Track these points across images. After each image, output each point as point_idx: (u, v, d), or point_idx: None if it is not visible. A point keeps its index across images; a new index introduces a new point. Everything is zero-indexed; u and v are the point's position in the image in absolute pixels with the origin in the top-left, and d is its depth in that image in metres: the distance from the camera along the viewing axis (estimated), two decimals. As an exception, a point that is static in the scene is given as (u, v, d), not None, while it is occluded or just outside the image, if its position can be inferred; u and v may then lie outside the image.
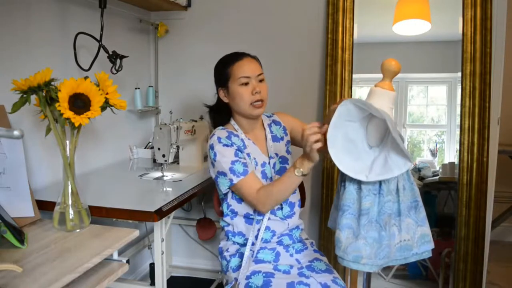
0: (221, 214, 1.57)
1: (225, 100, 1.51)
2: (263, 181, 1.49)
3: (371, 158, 1.19)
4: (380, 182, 1.19)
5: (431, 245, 1.24)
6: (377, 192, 1.19)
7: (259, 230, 1.48)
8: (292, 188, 1.35)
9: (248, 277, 1.38)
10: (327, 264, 1.46)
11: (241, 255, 1.47)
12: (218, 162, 1.43)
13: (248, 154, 1.49)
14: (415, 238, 1.22)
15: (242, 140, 1.50)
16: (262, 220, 1.48)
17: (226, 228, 1.56)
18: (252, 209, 1.48)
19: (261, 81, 1.48)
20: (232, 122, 1.55)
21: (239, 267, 1.45)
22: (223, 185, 1.45)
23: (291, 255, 1.49)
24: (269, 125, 1.60)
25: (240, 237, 1.52)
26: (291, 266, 1.43)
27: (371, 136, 1.21)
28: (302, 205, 1.69)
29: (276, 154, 1.55)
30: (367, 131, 1.20)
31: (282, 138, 1.60)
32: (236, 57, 1.49)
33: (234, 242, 1.54)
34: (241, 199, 1.48)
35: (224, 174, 1.42)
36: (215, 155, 1.44)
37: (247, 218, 1.50)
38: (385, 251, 1.18)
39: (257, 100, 1.45)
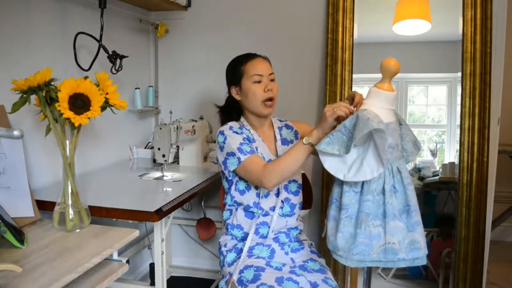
0: (225, 207, 1.61)
1: (237, 97, 1.57)
2: None
3: (354, 157, 1.20)
4: (362, 181, 1.21)
5: (421, 253, 1.21)
6: (358, 191, 1.23)
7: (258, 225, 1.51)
8: (299, 159, 1.34)
9: (241, 271, 1.41)
10: (321, 265, 1.47)
11: (237, 250, 1.51)
12: (227, 144, 1.48)
13: (256, 148, 1.53)
14: (403, 244, 1.20)
15: (252, 134, 1.57)
16: (267, 216, 1.51)
17: (227, 221, 1.59)
18: (252, 200, 1.50)
19: (272, 80, 1.55)
20: (242, 119, 1.62)
21: (234, 262, 1.49)
22: (232, 165, 1.47)
23: (286, 253, 1.50)
24: (280, 128, 1.65)
25: (239, 230, 1.54)
26: (284, 264, 1.45)
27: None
28: (308, 207, 1.73)
29: None
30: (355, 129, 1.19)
31: (291, 141, 1.63)
32: (249, 56, 1.57)
33: (232, 237, 1.56)
34: (243, 190, 1.52)
35: (233, 154, 1.46)
36: (225, 139, 1.50)
37: (247, 212, 1.53)
38: (359, 248, 1.20)
39: (268, 99, 1.51)
